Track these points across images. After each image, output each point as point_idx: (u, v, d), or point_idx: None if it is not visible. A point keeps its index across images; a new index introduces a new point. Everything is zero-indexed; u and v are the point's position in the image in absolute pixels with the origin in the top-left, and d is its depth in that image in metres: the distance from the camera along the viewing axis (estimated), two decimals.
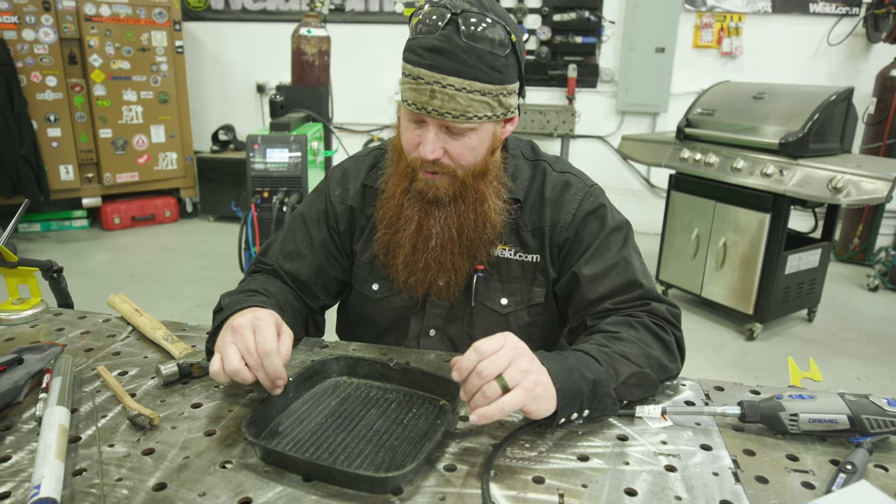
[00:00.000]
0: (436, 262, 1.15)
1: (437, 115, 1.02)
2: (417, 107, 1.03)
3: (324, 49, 4.18)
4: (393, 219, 1.16)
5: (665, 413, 0.96)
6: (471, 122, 1.03)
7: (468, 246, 1.15)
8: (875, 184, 2.92)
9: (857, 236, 4.72)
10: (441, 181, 1.10)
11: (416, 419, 0.95)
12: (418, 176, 1.11)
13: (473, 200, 1.12)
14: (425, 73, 1.00)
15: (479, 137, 1.07)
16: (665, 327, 1.09)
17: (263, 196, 3.39)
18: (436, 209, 1.13)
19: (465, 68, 0.99)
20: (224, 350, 0.90)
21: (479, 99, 1.02)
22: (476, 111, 1.02)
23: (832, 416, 0.89)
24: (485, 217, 1.13)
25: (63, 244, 4.97)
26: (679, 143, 3.77)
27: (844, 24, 4.94)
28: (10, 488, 0.77)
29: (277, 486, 0.78)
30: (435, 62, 0.99)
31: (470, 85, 1.00)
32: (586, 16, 5.22)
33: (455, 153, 1.07)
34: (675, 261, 3.90)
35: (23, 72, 4.68)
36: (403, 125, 1.10)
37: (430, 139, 1.04)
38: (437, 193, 1.10)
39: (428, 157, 1.05)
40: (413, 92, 1.03)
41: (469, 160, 1.08)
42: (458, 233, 1.13)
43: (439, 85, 1.00)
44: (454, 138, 1.05)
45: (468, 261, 1.17)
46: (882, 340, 3.59)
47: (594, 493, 0.78)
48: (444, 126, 1.04)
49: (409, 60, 1.03)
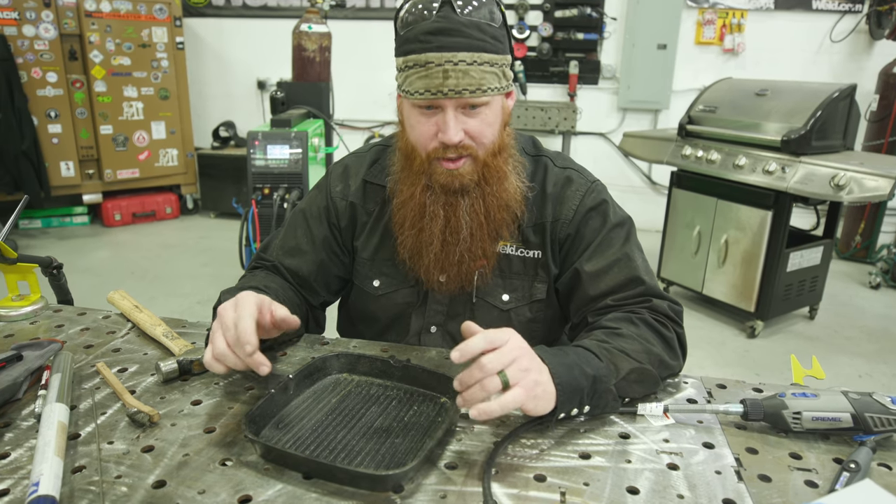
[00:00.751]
0: (469, 253, 1.14)
1: (454, 95, 1.01)
2: (432, 92, 1.02)
3: (325, 45, 4.17)
4: (416, 219, 1.14)
5: (667, 411, 0.95)
6: (486, 95, 1.03)
7: (495, 227, 1.14)
8: (877, 181, 2.91)
9: (859, 234, 4.72)
10: (464, 167, 1.08)
11: (417, 417, 0.94)
12: (437, 169, 1.09)
13: (497, 180, 1.11)
14: (434, 56, 1.00)
15: (493, 112, 1.07)
16: (666, 324, 1.08)
17: (264, 192, 3.39)
18: (461, 199, 1.11)
19: (471, 42, 1.00)
20: (212, 337, 0.93)
21: (489, 71, 1.03)
22: (489, 83, 1.03)
23: (835, 414, 0.89)
24: (507, 195, 1.13)
25: (64, 240, 4.97)
26: (681, 140, 3.76)
27: (847, 21, 4.93)
28: (9, 485, 0.76)
29: (277, 483, 0.78)
30: (442, 43, 1.00)
31: (479, 57, 1.01)
32: (588, 12, 5.21)
33: (475, 132, 1.06)
34: (677, 258, 3.89)
35: (23, 68, 4.67)
36: (413, 121, 1.08)
37: (451, 122, 1.03)
38: (462, 182, 1.09)
39: (453, 140, 1.03)
40: (423, 80, 1.01)
41: (489, 137, 1.08)
42: (485, 217, 1.12)
43: (451, 63, 1.00)
44: (471, 116, 1.05)
45: (494, 242, 1.16)
46: (884, 338, 3.58)
47: (596, 492, 0.78)
48: (461, 106, 1.04)
49: (412, 51, 1.02)
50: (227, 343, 0.91)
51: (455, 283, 1.18)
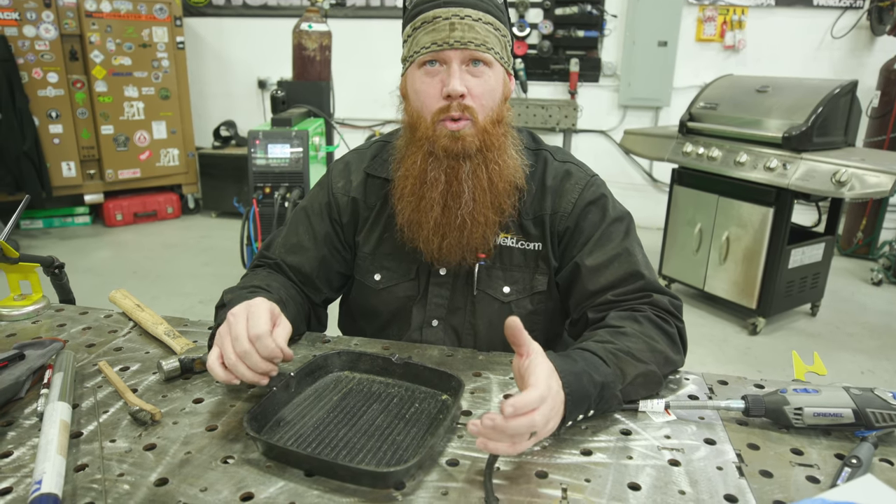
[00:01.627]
0: (471, 217, 1.13)
1: (460, 46, 1.05)
2: (438, 44, 1.05)
3: (325, 44, 4.17)
4: (416, 186, 1.14)
5: (668, 407, 0.95)
6: (489, 54, 1.07)
7: (497, 197, 1.14)
8: (879, 177, 2.91)
9: (861, 230, 4.71)
10: (466, 129, 1.09)
11: (419, 414, 0.94)
12: (440, 132, 1.09)
13: (497, 148, 1.12)
14: (441, 11, 1.06)
15: (495, 77, 1.10)
16: (668, 319, 1.09)
17: (265, 192, 3.39)
18: (463, 163, 1.11)
19: (476, 1, 1.07)
20: (222, 344, 0.90)
21: (493, 32, 1.08)
22: (493, 44, 1.08)
23: (837, 409, 0.89)
24: (507, 167, 1.13)
25: (65, 240, 4.97)
26: (682, 137, 3.76)
27: (848, 17, 4.91)
28: (12, 484, 0.77)
29: (279, 480, 0.78)
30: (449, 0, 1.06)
31: (484, 16, 1.07)
32: (588, 9, 5.20)
33: (476, 91, 1.08)
34: (678, 255, 3.89)
35: (24, 68, 4.68)
36: (417, 84, 1.10)
37: (455, 72, 1.06)
38: (464, 145, 1.09)
39: (457, 90, 1.05)
40: (430, 34, 1.06)
41: (489, 102, 1.09)
42: (488, 183, 1.12)
43: (458, 17, 1.05)
44: (475, 76, 1.08)
45: (498, 214, 1.16)
46: (886, 334, 3.58)
47: (597, 488, 0.78)
48: (465, 62, 1.07)
49: (421, 11, 1.08)
50: (237, 355, 0.89)
51: (456, 252, 1.16)
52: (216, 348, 0.91)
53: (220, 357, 0.90)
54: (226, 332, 0.91)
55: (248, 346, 0.88)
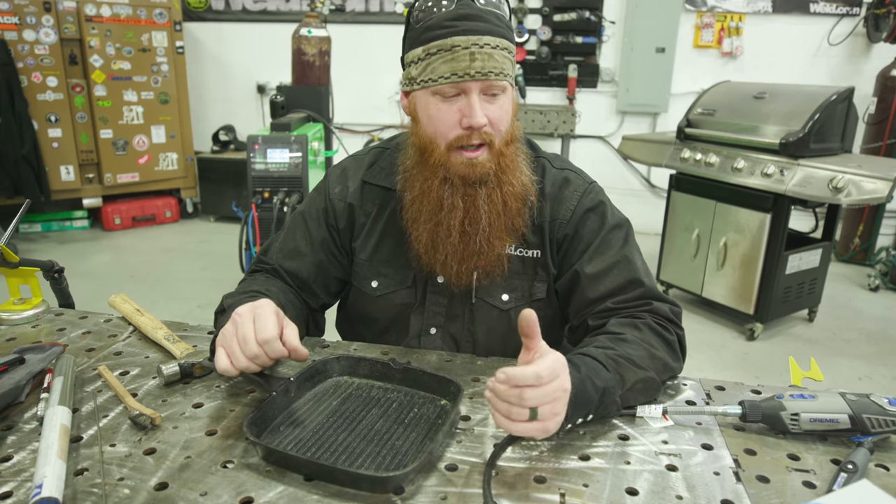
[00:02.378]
0: (487, 242, 1.14)
1: (481, 77, 1.03)
2: (458, 75, 1.03)
3: (324, 49, 4.18)
4: (433, 212, 1.13)
5: (666, 413, 0.96)
6: (506, 81, 1.07)
7: (510, 217, 1.15)
8: (875, 183, 2.92)
9: (858, 236, 4.72)
10: (483, 157, 1.09)
11: (418, 419, 0.95)
12: (456, 160, 1.09)
13: (511, 169, 1.12)
14: (461, 40, 1.02)
15: (508, 99, 1.10)
16: (668, 327, 1.09)
17: (264, 196, 3.39)
18: (480, 189, 1.11)
19: (493, 27, 1.05)
20: (229, 346, 0.91)
21: (507, 56, 1.07)
22: (508, 69, 1.07)
23: (833, 415, 0.89)
24: (521, 185, 1.14)
25: (64, 244, 4.97)
26: (679, 143, 3.77)
27: (845, 24, 4.94)
28: (12, 488, 0.77)
29: (279, 485, 0.78)
30: (467, 27, 1.03)
31: (501, 42, 1.05)
32: (587, 16, 5.22)
33: (494, 118, 1.07)
34: (676, 261, 3.90)
35: (23, 72, 4.68)
36: (432, 111, 1.08)
37: (476, 105, 1.04)
38: (482, 171, 1.09)
39: (481, 123, 1.04)
40: (449, 64, 1.03)
41: (505, 125, 1.10)
42: (503, 206, 1.13)
43: (477, 46, 1.03)
44: (491, 103, 1.07)
45: (511, 234, 1.17)
46: (883, 340, 3.59)
47: (595, 493, 0.78)
48: (483, 91, 1.06)
49: (436, 37, 1.04)
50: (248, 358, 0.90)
51: (467, 275, 1.17)
52: (221, 349, 0.92)
53: (228, 358, 0.91)
54: (232, 332, 0.92)
55: (258, 349, 0.89)
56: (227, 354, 0.91)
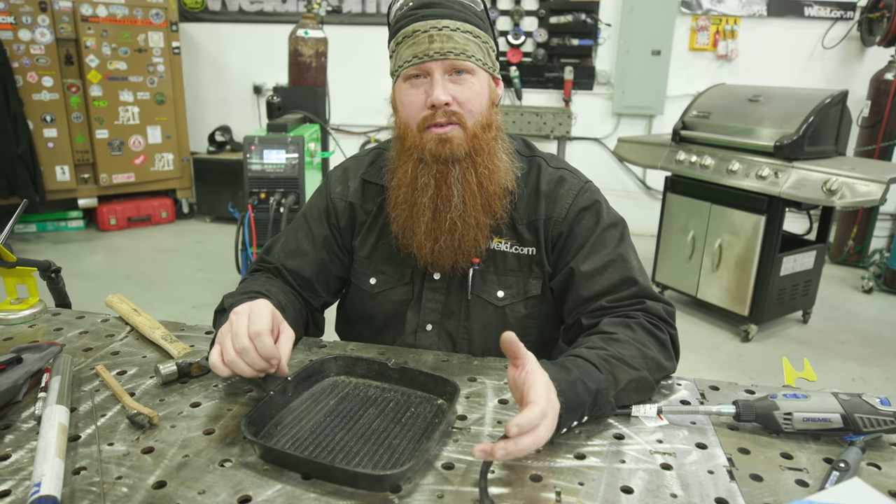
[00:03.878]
0: (461, 220, 1.15)
1: (439, 56, 1.08)
2: (419, 57, 1.09)
3: (321, 50, 4.18)
4: (408, 193, 1.16)
5: (661, 412, 0.97)
6: (470, 62, 1.10)
7: (488, 200, 1.16)
8: (869, 186, 2.94)
9: (852, 238, 4.75)
10: (454, 132, 1.11)
11: (415, 418, 0.95)
12: (428, 138, 1.11)
13: (486, 153, 1.14)
14: (420, 25, 1.09)
15: (479, 83, 1.12)
16: (661, 326, 1.10)
17: (260, 197, 3.39)
18: (453, 167, 1.13)
19: (454, 12, 1.10)
20: (222, 341, 0.92)
21: (472, 40, 1.10)
22: (473, 51, 1.10)
23: (826, 415, 0.90)
24: (497, 171, 1.15)
25: (59, 245, 4.95)
26: (675, 145, 3.79)
27: (839, 28, 4.97)
28: (11, 486, 0.77)
29: (277, 484, 0.79)
30: (427, 12, 1.09)
31: (462, 26, 1.09)
32: (583, 18, 5.24)
33: (462, 98, 1.10)
34: (671, 262, 3.91)
35: (19, 72, 4.67)
36: (403, 97, 1.13)
37: (438, 83, 1.09)
38: (452, 148, 1.11)
39: (441, 99, 1.08)
40: (411, 48, 1.09)
41: (476, 106, 1.12)
42: (478, 186, 1.14)
43: (435, 29, 1.08)
44: (457, 83, 1.10)
45: (489, 217, 1.17)
46: (876, 342, 3.61)
47: (591, 491, 0.79)
48: (447, 71, 1.09)
49: (402, 26, 1.11)
50: (236, 350, 0.90)
51: (448, 256, 1.17)
52: (217, 345, 0.93)
53: (220, 354, 0.91)
54: (227, 329, 0.93)
55: (248, 342, 0.89)
56: (221, 351, 0.92)
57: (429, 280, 1.24)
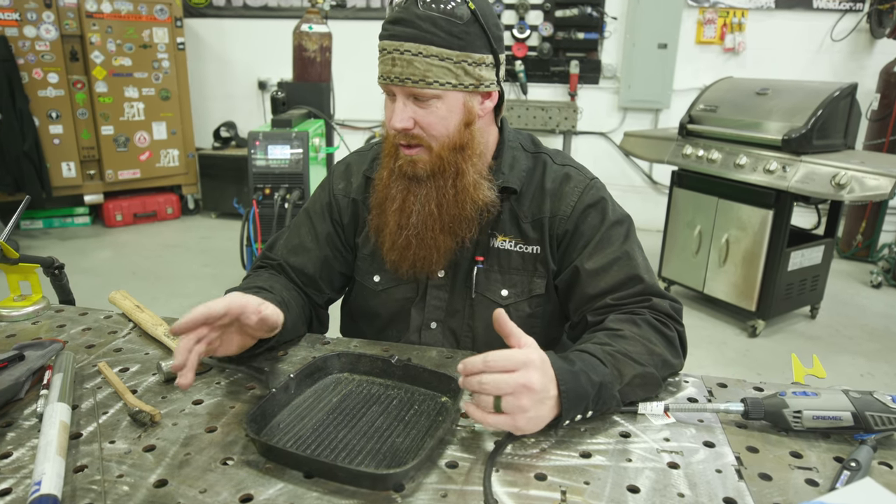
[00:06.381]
0: (417, 239, 1.15)
1: (398, 83, 1.05)
2: (384, 77, 1.07)
3: (325, 45, 4.17)
4: (381, 199, 1.18)
5: (668, 410, 0.95)
6: (432, 88, 1.05)
7: (449, 222, 1.15)
8: (878, 180, 2.91)
9: (861, 233, 4.71)
10: (419, 155, 1.11)
11: (418, 416, 0.94)
12: (399, 154, 1.12)
13: (453, 175, 1.12)
14: (387, 44, 1.06)
15: (446, 107, 1.07)
16: (668, 323, 1.08)
17: (265, 193, 3.39)
18: (417, 186, 1.14)
19: (419, 33, 1.03)
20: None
21: (437, 64, 1.04)
22: (436, 76, 1.04)
23: (836, 413, 0.89)
24: (465, 193, 1.13)
25: (65, 241, 4.97)
26: (681, 139, 3.76)
27: (848, 20, 4.92)
28: (11, 485, 0.77)
29: (279, 482, 0.78)
30: (394, 31, 1.05)
31: (426, 49, 1.03)
32: (588, 12, 5.20)
33: (425, 123, 1.08)
34: (678, 257, 3.89)
35: (24, 69, 4.68)
36: (385, 104, 1.13)
37: (399, 108, 1.07)
38: (415, 170, 1.11)
39: (395, 126, 1.07)
40: (381, 65, 1.08)
41: (440, 130, 1.09)
42: (437, 209, 1.13)
43: (398, 52, 1.04)
44: (422, 107, 1.07)
45: (450, 238, 1.17)
46: (885, 337, 3.58)
47: (597, 490, 0.78)
48: (411, 95, 1.07)
49: (380, 35, 1.08)
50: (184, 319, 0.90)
51: (406, 267, 1.18)
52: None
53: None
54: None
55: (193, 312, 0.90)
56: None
57: (433, 278, 1.23)
